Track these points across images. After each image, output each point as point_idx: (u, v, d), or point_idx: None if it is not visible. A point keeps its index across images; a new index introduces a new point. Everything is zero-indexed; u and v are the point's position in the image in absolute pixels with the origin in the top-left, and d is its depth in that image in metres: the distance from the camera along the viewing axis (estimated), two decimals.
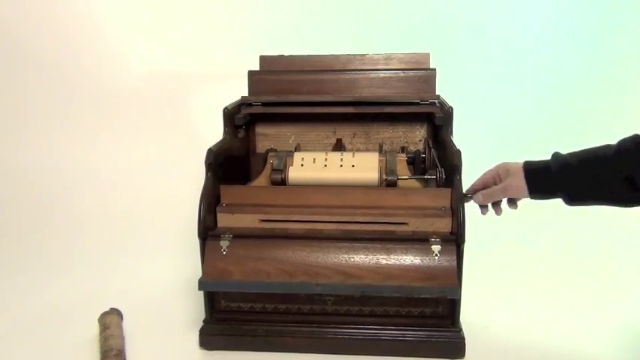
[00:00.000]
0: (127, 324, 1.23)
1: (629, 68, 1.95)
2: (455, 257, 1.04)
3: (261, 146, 1.45)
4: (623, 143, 0.89)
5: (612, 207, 0.94)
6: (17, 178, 1.96)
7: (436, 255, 1.04)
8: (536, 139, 1.81)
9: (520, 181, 0.99)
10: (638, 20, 1.94)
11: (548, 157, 0.99)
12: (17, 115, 2.03)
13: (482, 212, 1.10)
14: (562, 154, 0.97)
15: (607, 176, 0.89)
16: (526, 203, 1.07)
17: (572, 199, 0.95)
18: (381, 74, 1.38)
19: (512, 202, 1.07)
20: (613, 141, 0.92)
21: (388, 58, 1.41)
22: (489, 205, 1.09)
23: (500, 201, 1.08)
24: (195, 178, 1.25)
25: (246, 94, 1.40)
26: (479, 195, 1.07)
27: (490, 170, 1.07)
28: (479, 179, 1.09)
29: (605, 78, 1.94)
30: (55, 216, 1.84)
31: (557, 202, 0.98)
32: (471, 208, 1.07)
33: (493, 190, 1.05)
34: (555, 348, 1.13)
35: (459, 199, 1.06)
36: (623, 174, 0.87)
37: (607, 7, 1.94)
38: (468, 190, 1.09)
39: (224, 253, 1.08)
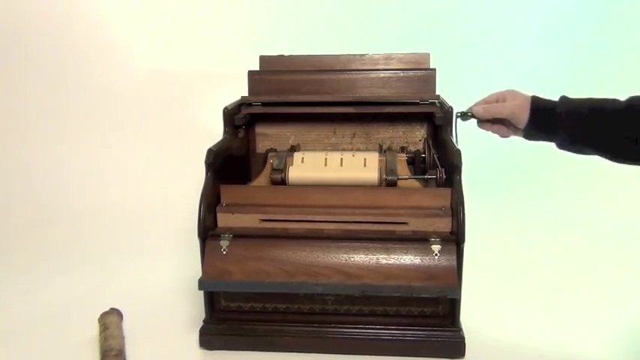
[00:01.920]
0: (127, 324, 1.23)
1: (629, 68, 1.95)
2: (455, 257, 1.04)
3: (261, 146, 1.45)
4: (635, 100, 0.91)
5: (607, 159, 0.95)
6: (17, 177, 1.96)
7: (436, 255, 1.04)
8: None
9: (524, 108, 0.99)
10: (638, 20, 1.94)
11: (547, 156, 0.99)
12: (17, 114, 2.03)
13: (480, 126, 1.10)
14: (570, 99, 0.97)
15: (612, 128, 0.91)
16: (526, 203, 1.07)
17: (572, 142, 0.96)
18: (381, 74, 1.38)
19: (506, 130, 1.07)
20: None
21: (388, 58, 1.41)
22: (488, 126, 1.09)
23: (501, 123, 1.07)
24: (195, 178, 1.25)
25: (246, 94, 1.40)
26: (479, 107, 1.07)
27: (496, 92, 1.07)
28: (481, 99, 1.09)
29: (605, 78, 1.94)
30: (55, 215, 1.84)
31: (558, 201, 0.98)
32: (471, 208, 1.07)
33: (494, 106, 1.05)
34: (555, 348, 1.13)
35: (462, 193, 1.05)
36: (629, 128, 0.89)
37: (607, 7, 1.94)
38: (468, 108, 1.09)
39: (224, 253, 1.08)
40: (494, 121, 1.08)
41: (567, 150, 0.98)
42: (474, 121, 1.12)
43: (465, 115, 1.09)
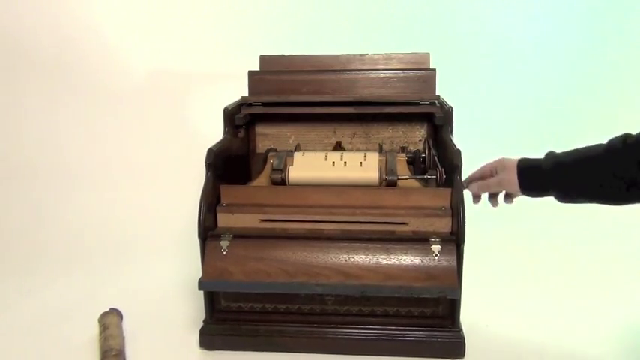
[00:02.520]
0: (126, 324, 1.23)
1: (629, 68, 1.95)
2: (455, 257, 1.04)
3: (261, 146, 1.45)
4: (612, 143, 0.90)
5: (604, 205, 0.95)
6: (17, 177, 1.96)
7: (436, 255, 1.04)
8: (536, 138, 1.80)
9: (512, 177, 1.01)
10: (638, 20, 1.94)
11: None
12: (17, 114, 2.02)
13: (473, 201, 1.12)
14: (555, 153, 0.98)
15: (597, 175, 0.91)
16: (526, 203, 1.07)
17: (565, 196, 0.97)
18: (381, 74, 1.38)
19: (508, 197, 1.09)
20: None
21: (388, 58, 1.41)
22: (487, 199, 1.11)
23: (497, 194, 1.10)
24: (195, 178, 1.25)
25: (246, 94, 1.40)
26: (474, 185, 1.09)
27: (489, 163, 1.09)
28: (477, 171, 1.11)
29: (605, 78, 1.94)
30: (55, 216, 1.84)
31: (557, 202, 0.98)
32: (471, 208, 1.07)
33: (487, 182, 1.07)
34: (555, 348, 1.13)
35: (462, 193, 1.07)
36: (611, 173, 0.89)
37: (607, 7, 1.94)
38: (465, 180, 1.11)
39: (224, 253, 1.08)
40: (492, 194, 1.10)
41: (568, 203, 0.97)
42: (474, 119, 1.12)
43: (462, 186, 1.11)
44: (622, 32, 1.95)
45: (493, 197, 1.11)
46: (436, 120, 1.24)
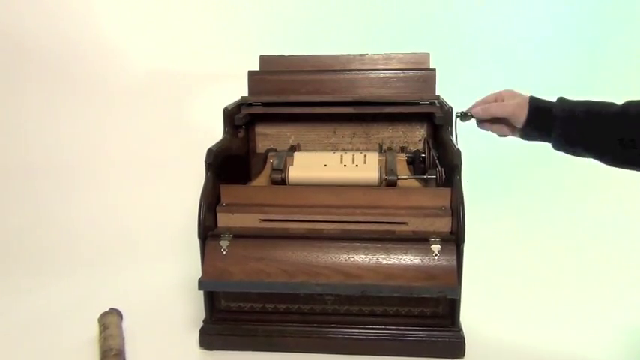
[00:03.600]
0: (126, 324, 1.23)
1: (630, 68, 1.95)
2: (455, 257, 1.04)
3: (261, 146, 1.45)
4: (629, 106, 0.92)
5: (602, 162, 0.96)
6: (17, 177, 1.96)
7: (436, 255, 1.04)
8: None
9: (522, 108, 1.01)
10: (639, 20, 1.94)
11: (547, 156, 0.99)
12: (17, 115, 2.03)
13: (480, 126, 1.11)
14: (567, 101, 0.99)
15: (613, 134, 0.92)
16: (526, 203, 1.07)
17: (565, 144, 0.98)
18: (381, 74, 1.38)
19: (506, 128, 1.08)
20: None
21: (388, 58, 1.41)
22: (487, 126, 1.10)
23: (499, 122, 1.08)
24: (195, 178, 1.25)
25: (246, 94, 1.40)
26: (478, 108, 1.08)
27: (494, 92, 1.09)
28: (480, 99, 1.10)
29: (606, 78, 1.94)
30: (55, 216, 1.84)
31: (558, 201, 0.98)
32: (471, 207, 1.07)
33: (493, 105, 1.06)
34: (555, 348, 1.13)
35: (462, 193, 1.05)
36: (623, 133, 0.90)
37: (608, 7, 1.94)
38: (467, 109, 1.10)
39: (224, 253, 1.08)
40: (494, 120, 1.09)
41: (563, 151, 1.00)
42: (473, 120, 1.12)
43: (464, 116, 1.11)
44: (622, 32, 1.95)
45: (495, 124, 1.09)
46: (436, 120, 1.24)
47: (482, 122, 1.11)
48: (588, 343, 1.15)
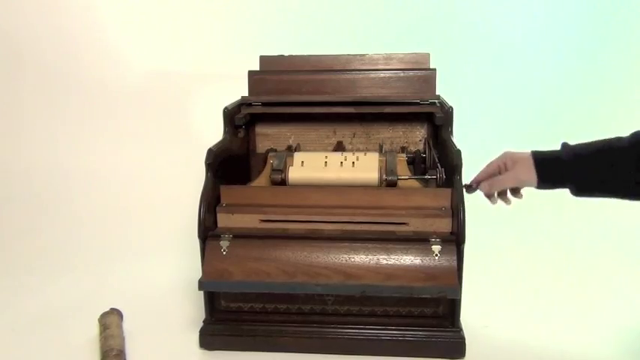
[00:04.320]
0: (127, 324, 1.23)
1: (630, 68, 1.95)
2: (455, 257, 1.04)
3: (261, 146, 1.45)
4: (637, 136, 0.89)
5: (622, 199, 0.93)
6: (17, 177, 1.96)
7: (436, 255, 1.04)
8: (537, 138, 1.80)
9: (529, 170, 0.98)
10: (639, 19, 1.94)
11: None
12: (17, 115, 2.03)
13: (491, 202, 1.08)
14: (571, 145, 0.96)
15: (621, 168, 0.89)
16: (525, 203, 1.07)
17: (582, 189, 0.95)
18: (381, 74, 1.38)
19: (517, 192, 1.06)
20: None
21: (388, 58, 1.41)
22: (497, 197, 1.07)
23: (506, 191, 1.06)
24: (195, 178, 1.25)
25: (246, 94, 1.40)
26: (485, 184, 1.05)
27: (494, 160, 1.06)
28: (483, 170, 1.07)
29: (606, 77, 1.94)
30: (55, 216, 1.84)
31: (558, 201, 0.98)
32: (471, 208, 1.07)
33: (500, 179, 1.03)
34: (555, 348, 1.13)
35: (462, 193, 1.05)
36: (637, 166, 0.88)
37: (608, 7, 1.94)
38: (472, 181, 1.08)
39: (224, 253, 1.08)
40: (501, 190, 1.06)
41: (583, 196, 0.96)
42: (474, 119, 1.11)
43: (469, 188, 1.07)
44: (623, 32, 1.95)
45: (503, 194, 1.06)
46: (436, 120, 1.24)
47: (492, 196, 1.07)
48: (588, 343, 1.14)
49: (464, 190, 1.08)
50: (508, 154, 1.03)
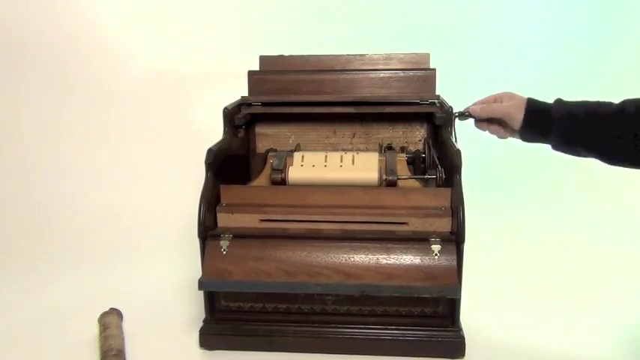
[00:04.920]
0: (127, 324, 1.23)
1: (630, 68, 1.95)
2: (455, 257, 1.04)
3: (261, 146, 1.45)
4: (626, 105, 0.93)
5: (602, 161, 0.97)
6: (17, 178, 1.96)
7: (436, 255, 1.04)
8: None
9: (519, 109, 1.02)
10: (638, 20, 1.94)
11: (547, 156, 1.00)
12: (17, 115, 2.03)
13: (478, 127, 1.12)
14: (564, 101, 1.00)
15: (607, 130, 0.93)
16: (526, 204, 1.07)
17: (565, 144, 0.99)
18: (381, 74, 1.38)
19: (503, 130, 1.09)
20: None
21: (388, 58, 1.41)
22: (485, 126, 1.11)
23: (497, 123, 1.09)
24: (195, 178, 1.25)
25: (246, 94, 1.40)
26: (476, 107, 1.10)
27: (494, 94, 1.10)
28: (480, 99, 1.11)
29: (606, 78, 1.94)
30: (55, 216, 1.84)
31: (558, 201, 0.98)
32: (471, 208, 1.07)
33: (491, 106, 1.07)
34: (555, 348, 1.13)
35: (462, 193, 1.06)
36: (623, 131, 0.92)
37: (608, 7, 1.94)
38: (465, 109, 1.11)
39: (224, 253, 1.08)
40: (491, 121, 1.10)
41: (563, 151, 1.01)
42: (472, 120, 1.13)
43: (462, 115, 1.12)
44: (623, 32, 1.95)
45: (493, 124, 1.10)
46: (436, 120, 1.24)
47: (479, 122, 1.12)
48: (588, 342, 1.15)
49: (456, 118, 1.13)
50: (508, 92, 1.07)
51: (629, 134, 0.91)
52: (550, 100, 1.03)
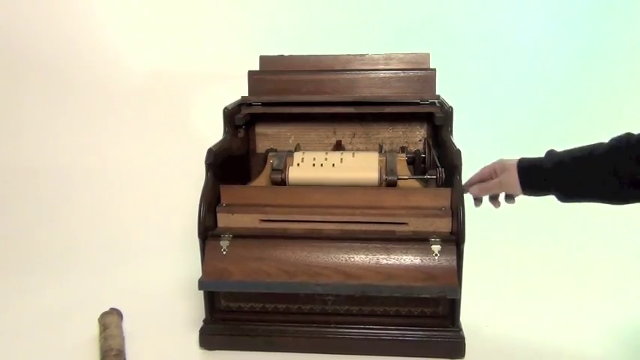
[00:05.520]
0: (127, 324, 1.23)
1: (629, 68, 1.95)
2: (455, 257, 1.04)
3: (261, 146, 1.45)
4: (615, 141, 0.90)
5: (604, 204, 0.95)
6: (17, 177, 1.96)
7: (436, 255, 1.04)
8: (536, 138, 1.80)
9: (514, 177, 1.01)
10: (638, 20, 1.94)
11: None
12: (17, 114, 2.03)
13: (475, 204, 1.12)
14: (556, 152, 0.98)
15: (599, 173, 0.90)
16: (526, 203, 1.07)
17: (566, 196, 0.97)
18: (381, 74, 1.38)
19: (510, 198, 1.09)
20: None
21: (388, 58, 1.41)
22: (488, 201, 1.11)
23: (498, 195, 1.10)
24: (195, 178, 1.25)
25: (246, 94, 1.40)
26: (475, 187, 1.09)
27: (487, 166, 1.09)
28: (476, 174, 1.11)
29: (605, 78, 1.94)
30: (55, 216, 1.84)
31: (557, 202, 0.98)
32: (471, 208, 1.07)
33: (487, 185, 1.07)
34: (555, 348, 1.13)
35: (461, 195, 1.06)
36: (613, 171, 0.88)
37: (607, 7, 1.94)
38: (464, 184, 1.11)
39: (224, 253, 1.08)
40: (493, 194, 1.10)
41: (569, 202, 0.97)
42: (474, 119, 1.12)
43: (462, 190, 1.10)
44: (623, 32, 1.95)
45: (494, 199, 1.11)
46: (436, 120, 1.24)
47: (479, 200, 1.12)
48: (588, 342, 1.15)
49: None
50: (500, 161, 1.06)
51: (609, 172, 0.88)
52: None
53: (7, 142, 2.01)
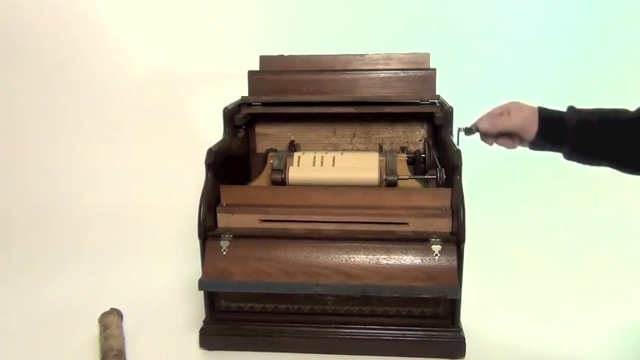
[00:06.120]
0: (127, 324, 1.23)
1: (629, 68, 1.95)
2: (455, 257, 1.04)
3: (261, 146, 1.45)
4: None
5: (618, 169, 0.94)
6: (18, 178, 1.96)
7: (436, 255, 1.04)
8: None
9: (532, 120, 0.98)
10: (638, 20, 1.94)
11: (547, 156, 0.99)
12: (17, 115, 2.03)
13: (487, 143, 1.06)
14: (577, 109, 0.97)
15: (623, 138, 0.91)
16: (526, 202, 1.07)
17: (579, 153, 0.96)
18: (381, 74, 1.38)
19: (512, 141, 1.03)
20: None
21: (388, 58, 1.41)
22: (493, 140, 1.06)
23: (506, 135, 1.03)
24: (195, 178, 1.25)
25: (246, 94, 1.40)
26: (485, 122, 1.03)
27: (499, 106, 1.04)
28: (484, 114, 1.05)
29: (605, 78, 1.94)
30: (55, 216, 1.84)
31: (558, 201, 0.98)
32: (471, 208, 1.07)
33: (501, 120, 1.01)
34: (555, 348, 1.13)
35: (462, 193, 1.04)
36: (638, 138, 0.89)
37: (607, 7, 1.94)
38: (472, 124, 1.05)
39: (224, 253, 1.08)
40: (499, 134, 1.04)
41: (575, 160, 0.97)
42: (474, 119, 1.11)
43: (469, 130, 1.05)
44: (623, 32, 1.95)
45: (502, 137, 1.04)
46: (436, 120, 1.24)
47: (487, 136, 1.06)
48: (588, 342, 1.15)
49: (461, 133, 1.07)
50: (516, 103, 1.02)
51: (634, 139, 0.89)
52: (556, 106, 0.99)
53: (7, 142, 2.01)
